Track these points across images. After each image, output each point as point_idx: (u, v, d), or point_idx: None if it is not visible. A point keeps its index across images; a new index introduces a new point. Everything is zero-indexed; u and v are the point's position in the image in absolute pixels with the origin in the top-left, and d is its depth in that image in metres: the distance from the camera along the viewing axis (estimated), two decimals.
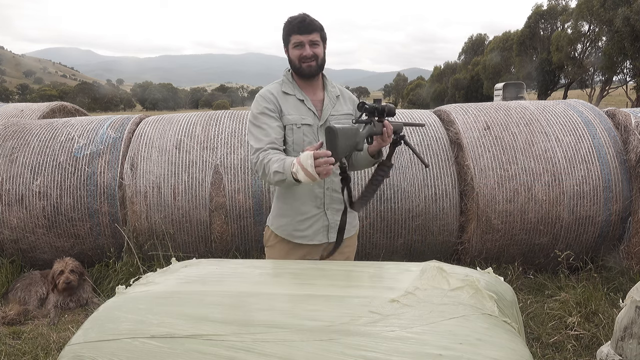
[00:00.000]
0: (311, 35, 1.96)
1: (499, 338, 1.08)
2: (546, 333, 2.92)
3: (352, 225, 2.17)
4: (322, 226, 2.07)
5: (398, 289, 1.27)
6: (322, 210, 2.06)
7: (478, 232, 3.63)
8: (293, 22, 1.97)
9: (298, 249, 2.09)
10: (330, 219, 2.06)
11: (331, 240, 2.07)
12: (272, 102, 2.00)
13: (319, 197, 2.03)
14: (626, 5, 24.51)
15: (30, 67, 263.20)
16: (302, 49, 1.97)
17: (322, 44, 2.02)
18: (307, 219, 2.05)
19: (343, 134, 1.67)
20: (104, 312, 1.28)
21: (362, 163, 2.07)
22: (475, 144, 3.73)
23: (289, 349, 1.05)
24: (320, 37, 2.00)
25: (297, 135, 1.98)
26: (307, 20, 1.96)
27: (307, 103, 2.03)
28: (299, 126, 1.99)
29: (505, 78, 36.90)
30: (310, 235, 2.07)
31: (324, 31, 2.02)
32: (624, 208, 3.63)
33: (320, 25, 2.00)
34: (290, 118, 1.99)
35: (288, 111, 2.00)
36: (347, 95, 2.17)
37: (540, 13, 36.85)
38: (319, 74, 2.05)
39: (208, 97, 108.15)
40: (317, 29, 1.98)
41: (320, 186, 2.03)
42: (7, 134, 4.02)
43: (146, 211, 3.69)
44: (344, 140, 1.67)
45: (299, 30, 1.96)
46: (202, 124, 3.99)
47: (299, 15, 1.98)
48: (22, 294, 3.56)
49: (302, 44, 1.97)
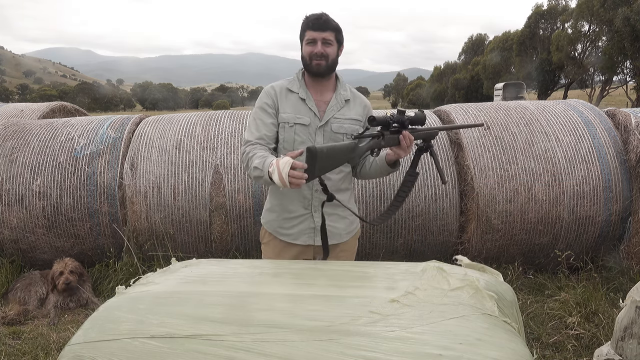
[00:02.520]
0: (325, 33, 1.95)
1: (499, 338, 1.08)
2: (546, 333, 2.92)
3: (347, 232, 2.13)
4: (308, 227, 2.05)
5: (398, 289, 1.27)
6: (309, 212, 2.04)
7: (478, 232, 3.63)
8: (310, 18, 1.96)
9: (290, 248, 2.09)
10: (317, 221, 2.04)
11: (317, 243, 2.05)
12: (270, 98, 2.02)
13: (307, 198, 2.02)
14: (626, 5, 24.51)
15: (30, 67, 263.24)
16: (314, 46, 1.96)
17: (337, 45, 2.00)
18: (294, 218, 2.05)
19: (324, 155, 1.67)
20: (104, 312, 1.28)
21: (378, 171, 2.03)
22: (475, 144, 3.73)
23: (289, 349, 1.05)
24: (334, 38, 1.98)
25: (288, 134, 1.99)
26: (323, 17, 1.95)
27: (308, 102, 2.01)
28: (291, 125, 1.99)
29: (505, 78, 36.89)
30: (294, 235, 2.06)
31: (340, 33, 2.00)
32: (624, 208, 3.63)
33: (336, 25, 1.98)
34: (284, 116, 2.00)
35: (284, 109, 2.01)
36: (360, 101, 2.11)
37: (540, 13, 36.84)
38: (329, 74, 2.02)
39: (208, 97, 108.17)
40: (332, 29, 1.97)
41: (309, 187, 2.01)
42: (7, 134, 4.02)
43: (146, 211, 3.69)
44: (323, 161, 1.68)
45: (313, 27, 1.95)
46: (202, 124, 3.99)
47: (317, 13, 1.98)
48: (22, 294, 3.56)
49: (315, 41, 1.96)
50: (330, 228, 2.05)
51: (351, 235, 2.16)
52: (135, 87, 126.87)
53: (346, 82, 2.13)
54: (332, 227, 2.05)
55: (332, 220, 2.05)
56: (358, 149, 1.80)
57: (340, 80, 2.10)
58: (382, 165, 1.97)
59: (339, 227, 2.09)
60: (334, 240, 2.08)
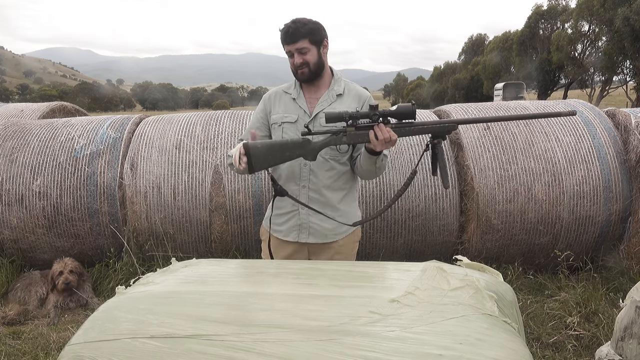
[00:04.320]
0: (297, 43, 1.96)
1: (499, 338, 1.08)
2: (546, 333, 2.92)
3: (335, 233, 2.06)
4: (296, 225, 2.06)
5: (398, 289, 1.26)
6: (297, 209, 2.05)
7: (478, 232, 3.63)
8: (281, 32, 1.99)
9: (284, 246, 2.11)
10: (304, 219, 2.04)
11: (302, 240, 2.06)
12: (264, 104, 2.14)
13: (294, 193, 2.02)
14: (626, 5, 24.50)
15: (30, 67, 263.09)
16: (292, 58, 2.00)
17: (315, 48, 1.98)
18: (284, 214, 2.09)
19: (257, 151, 1.81)
20: (104, 312, 1.28)
21: (366, 164, 1.94)
22: (475, 144, 3.73)
23: (289, 349, 1.05)
24: (309, 43, 1.96)
25: (277, 134, 2.04)
26: (290, 30, 1.95)
27: (298, 101, 2.05)
28: (279, 124, 2.04)
29: (505, 78, 36.88)
30: (284, 231, 2.09)
31: (315, 34, 1.97)
32: (624, 208, 3.63)
33: (307, 30, 1.95)
34: (274, 117, 2.07)
35: (276, 111, 2.07)
36: (354, 94, 2.08)
37: (540, 13, 36.83)
38: (316, 78, 2.04)
39: (208, 97, 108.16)
40: (302, 36, 1.95)
41: (296, 183, 2.03)
42: (7, 134, 4.02)
43: (146, 211, 3.69)
44: (260, 157, 1.81)
45: (285, 41, 1.98)
46: (202, 124, 3.99)
47: (286, 25, 1.98)
48: (22, 294, 3.56)
49: (292, 53, 1.99)
50: (315, 226, 2.05)
51: (342, 236, 2.09)
52: (135, 87, 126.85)
53: (343, 78, 2.12)
54: (316, 225, 2.05)
55: (319, 219, 2.03)
56: (310, 145, 1.84)
57: (336, 77, 2.10)
58: (363, 154, 1.92)
59: (325, 226, 2.05)
60: (318, 240, 2.06)
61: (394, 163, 3.70)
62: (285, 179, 2.05)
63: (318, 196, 2.03)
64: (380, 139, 1.74)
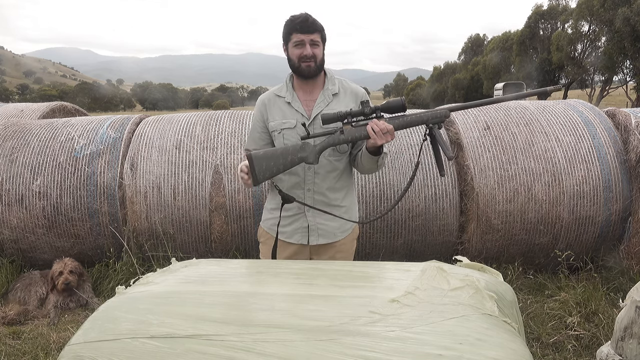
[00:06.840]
0: (312, 35, 1.96)
1: (499, 338, 1.08)
2: (546, 333, 2.92)
3: (342, 230, 2.11)
4: (301, 227, 2.07)
5: (398, 289, 1.26)
6: (302, 211, 2.06)
7: (478, 232, 3.63)
8: (295, 21, 1.96)
9: (286, 247, 2.11)
10: (311, 220, 2.06)
11: (312, 243, 2.07)
12: (259, 111, 2.11)
13: (300, 197, 2.03)
14: (626, 5, 24.50)
15: (30, 67, 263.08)
16: (302, 48, 1.97)
17: (322, 45, 2.01)
18: (289, 216, 2.08)
19: (260, 160, 1.82)
20: (104, 312, 1.28)
21: (367, 162, 1.98)
22: (475, 144, 3.73)
23: (289, 349, 1.05)
24: (320, 38, 1.99)
25: (279, 141, 2.03)
26: (309, 19, 1.96)
27: (294, 104, 2.03)
28: (279, 132, 2.03)
29: (505, 78, 36.90)
30: (288, 232, 2.09)
31: (324, 32, 2.02)
32: (624, 208, 3.63)
33: (321, 26, 1.99)
34: (272, 125, 2.05)
35: (273, 117, 2.06)
36: (350, 91, 2.10)
37: (540, 13, 36.84)
38: (318, 74, 2.03)
39: (208, 97, 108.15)
40: (318, 30, 1.97)
41: (301, 187, 2.04)
42: (7, 134, 4.02)
43: (146, 211, 3.69)
44: (263, 165, 1.82)
45: (300, 29, 1.95)
46: (202, 124, 3.99)
47: (302, 14, 1.98)
48: (22, 294, 3.56)
49: (303, 43, 1.96)
50: (323, 227, 2.06)
51: (346, 233, 2.14)
52: (135, 87, 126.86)
53: (336, 76, 2.12)
54: (324, 226, 2.06)
55: (325, 219, 2.05)
56: (310, 148, 1.85)
57: (329, 76, 2.09)
58: (364, 154, 1.95)
59: (332, 225, 2.08)
60: (328, 240, 2.08)
61: (394, 163, 3.70)
62: (290, 186, 2.05)
63: (322, 197, 2.05)
64: (377, 130, 1.78)
